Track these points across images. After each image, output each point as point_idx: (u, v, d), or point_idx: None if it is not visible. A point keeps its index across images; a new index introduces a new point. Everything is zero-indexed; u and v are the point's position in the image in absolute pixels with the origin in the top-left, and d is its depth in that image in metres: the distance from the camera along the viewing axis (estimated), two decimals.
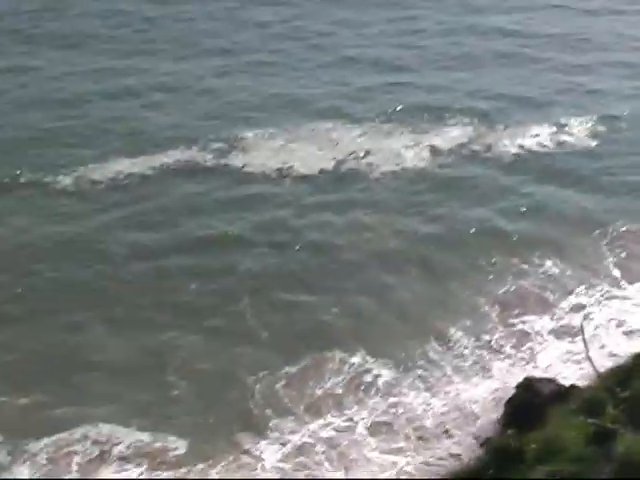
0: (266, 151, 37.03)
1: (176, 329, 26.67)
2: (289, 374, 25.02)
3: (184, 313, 27.37)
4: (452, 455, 22.17)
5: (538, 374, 24.25)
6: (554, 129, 39.96)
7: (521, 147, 38.24)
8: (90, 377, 24.79)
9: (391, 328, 27.01)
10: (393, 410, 23.97)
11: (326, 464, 22.26)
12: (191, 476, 21.96)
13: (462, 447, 22.44)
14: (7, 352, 25.44)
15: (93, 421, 23.33)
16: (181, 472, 22.01)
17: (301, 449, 22.71)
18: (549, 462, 15.59)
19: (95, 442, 22.80)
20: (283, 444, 22.83)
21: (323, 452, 22.60)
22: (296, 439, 22.96)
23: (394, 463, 22.14)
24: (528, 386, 22.42)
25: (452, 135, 38.85)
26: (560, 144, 38.88)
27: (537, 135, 39.33)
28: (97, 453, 22.57)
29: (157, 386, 24.58)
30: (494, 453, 17.51)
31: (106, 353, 25.66)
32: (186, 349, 25.87)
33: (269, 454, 22.54)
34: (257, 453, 22.58)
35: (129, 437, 22.94)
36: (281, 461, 22.38)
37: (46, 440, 22.62)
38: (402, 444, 22.74)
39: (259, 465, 22.24)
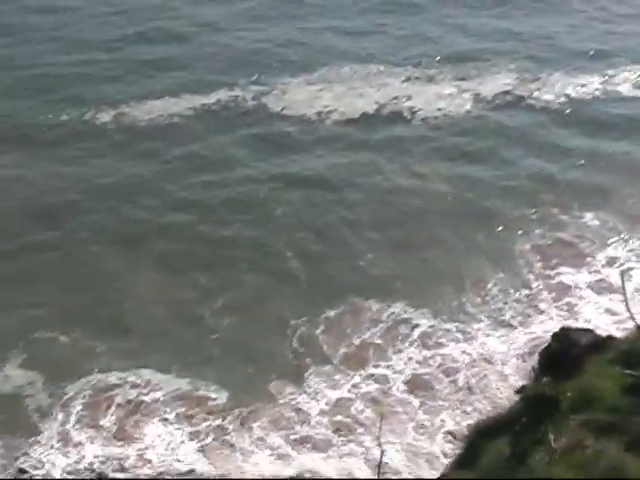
0: (306, 95, 36.71)
1: (215, 276, 26.67)
2: (328, 319, 24.97)
3: (223, 259, 27.38)
4: (489, 404, 22.08)
5: (575, 325, 24.04)
6: (602, 78, 39.11)
7: (567, 96, 37.49)
8: (130, 321, 24.89)
9: (430, 279, 26.88)
10: (431, 361, 23.85)
11: (365, 421, 21.89)
12: (229, 426, 21.66)
13: (498, 396, 22.42)
14: (51, 291, 25.63)
15: (133, 365, 23.36)
16: (218, 422, 21.80)
17: (340, 404, 22.43)
18: (584, 411, 15.43)
19: (134, 386, 22.75)
20: (322, 397, 22.58)
21: (362, 410, 22.24)
22: (335, 394, 22.67)
23: (431, 421, 21.99)
24: (564, 336, 22.17)
25: (496, 82, 38.17)
26: (608, 93, 38.07)
27: (584, 84, 38.46)
28: (135, 399, 22.44)
29: (196, 333, 24.55)
30: (529, 401, 17.39)
31: (147, 298, 25.72)
32: (225, 296, 25.86)
33: (308, 407, 22.30)
34: (296, 405, 22.38)
35: (168, 383, 22.88)
36: (320, 415, 22.11)
37: (85, 382, 22.70)
38: (440, 402, 22.55)
39: (298, 419, 21.99)
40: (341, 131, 34.30)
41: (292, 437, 21.38)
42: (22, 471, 19.59)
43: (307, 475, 20.32)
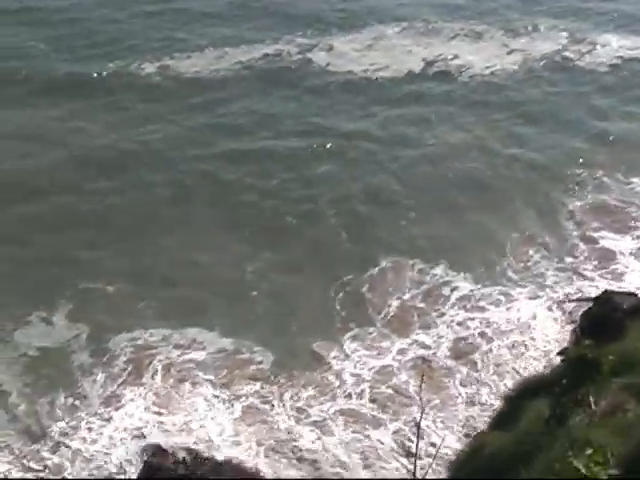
0: (352, 52, 36.42)
1: (261, 231, 26.54)
2: (372, 278, 24.85)
3: (268, 214, 27.27)
4: (529, 367, 21.99)
5: (618, 289, 23.81)
6: None
7: (620, 57, 36.80)
8: (177, 276, 24.78)
9: (472, 242, 26.64)
10: (472, 325, 23.60)
11: (408, 392, 21.44)
12: (270, 394, 21.26)
13: (539, 359, 22.33)
14: (100, 241, 25.75)
15: (178, 322, 23.19)
16: (259, 388, 21.45)
17: (383, 373, 22.04)
18: (625, 375, 15.39)
19: (177, 346, 22.53)
20: (365, 365, 22.18)
21: (405, 381, 21.76)
22: (379, 362, 22.24)
23: (472, 387, 21.65)
24: (607, 299, 22.01)
25: (546, 41, 37.54)
26: None
27: (638, 47, 37.56)
28: (178, 358, 22.17)
29: (241, 291, 24.35)
30: (570, 363, 17.33)
31: (194, 253, 25.60)
32: (270, 252, 25.78)
33: (351, 376, 21.83)
34: (340, 372, 21.98)
35: (212, 343, 22.57)
36: (362, 384, 21.65)
37: (128, 339, 22.56)
38: (481, 365, 22.29)
39: (340, 389, 21.50)
40: (388, 88, 33.99)
41: (333, 409, 20.93)
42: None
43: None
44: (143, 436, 19.93)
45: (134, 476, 18.61)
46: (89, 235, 25.93)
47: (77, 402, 20.72)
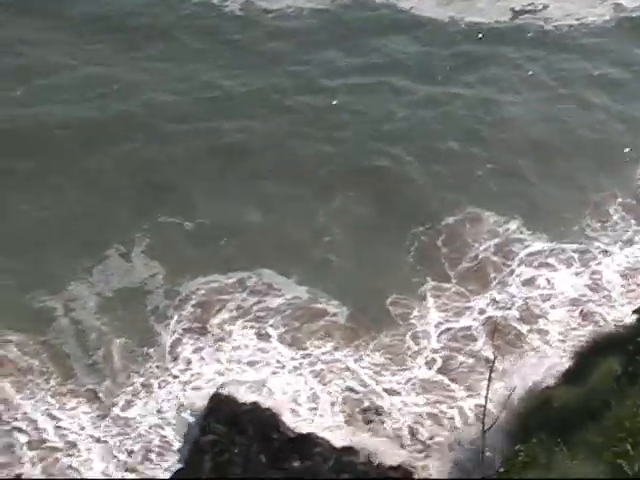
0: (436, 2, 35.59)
1: (333, 185, 26.19)
2: (448, 228, 24.66)
3: (341, 169, 26.79)
4: (603, 325, 21.71)
5: None
6: None
7: None
8: (255, 219, 24.70)
9: (549, 200, 26.07)
10: (544, 283, 23.36)
11: (482, 354, 21.21)
12: (343, 352, 21.06)
13: (613, 317, 22.03)
14: (179, 181, 25.87)
15: (254, 265, 23.02)
16: (333, 344, 21.29)
17: (457, 337, 21.75)
18: None
19: (253, 292, 22.40)
20: (439, 327, 21.85)
21: (479, 344, 21.53)
22: (454, 325, 21.92)
23: (544, 345, 21.60)
24: None
25: None
26: None
27: None
28: (252, 305, 22.09)
29: (316, 240, 24.19)
30: None
31: (268, 202, 25.35)
32: (342, 205, 25.46)
33: (424, 339, 21.55)
34: (414, 332, 21.76)
35: (288, 289, 22.44)
36: (435, 347, 21.43)
37: (204, 281, 22.54)
38: (551, 331, 21.96)
39: (414, 352, 21.19)
40: (475, 38, 33.29)
41: (407, 375, 20.70)
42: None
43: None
44: (212, 386, 20.01)
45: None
46: (171, 175, 26.11)
47: (150, 350, 20.98)
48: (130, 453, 18.87)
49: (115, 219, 24.41)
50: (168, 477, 18.28)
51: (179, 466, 18.47)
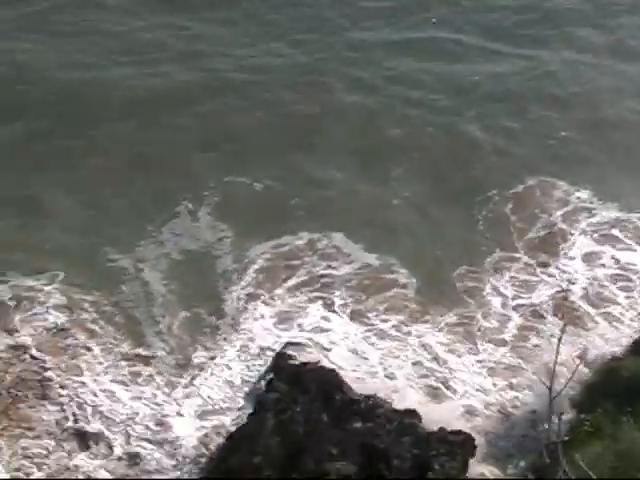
0: None
1: (399, 149, 25.85)
2: (517, 195, 24.34)
3: (407, 132, 26.43)
4: None
5: None
6: None
7: None
8: (329, 177, 24.57)
9: (621, 169, 25.52)
10: (611, 254, 22.92)
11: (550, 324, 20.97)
12: (412, 328, 20.67)
13: None
14: (249, 141, 25.67)
15: (324, 227, 22.85)
16: (401, 318, 20.92)
17: (532, 309, 21.38)
18: None
19: (322, 256, 22.20)
20: (511, 300, 21.53)
21: (549, 321, 21.01)
22: (522, 301, 21.50)
23: (612, 322, 21.18)
24: None
25: None
26: None
27: None
28: (320, 269, 21.80)
29: (383, 207, 23.90)
30: None
31: (333, 170, 25.04)
32: (409, 171, 25.07)
33: (493, 318, 21.13)
34: (483, 311, 21.28)
35: (358, 257, 22.16)
36: (505, 326, 21.07)
37: (273, 245, 22.34)
38: (622, 304, 21.60)
39: (483, 331, 20.84)
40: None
41: (475, 355, 20.31)
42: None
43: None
44: (277, 348, 19.80)
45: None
46: (246, 136, 25.89)
47: (216, 315, 20.77)
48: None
49: (187, 175, 24.33)
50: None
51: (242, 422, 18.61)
